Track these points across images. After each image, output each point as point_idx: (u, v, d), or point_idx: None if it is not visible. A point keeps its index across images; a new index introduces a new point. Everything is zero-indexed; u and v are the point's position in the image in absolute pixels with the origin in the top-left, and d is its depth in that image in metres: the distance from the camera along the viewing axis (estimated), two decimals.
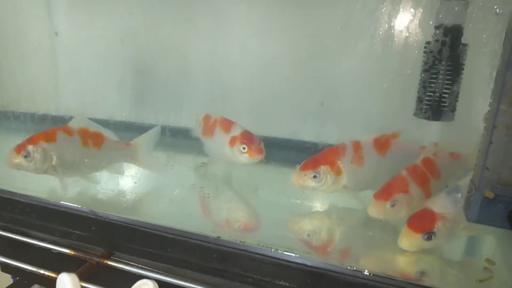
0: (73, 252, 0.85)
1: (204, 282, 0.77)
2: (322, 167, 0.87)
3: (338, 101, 1.25)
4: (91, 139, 1.01)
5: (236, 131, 1.05)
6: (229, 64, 1.38)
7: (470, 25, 0.88)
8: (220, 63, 1.39)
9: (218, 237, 0.78)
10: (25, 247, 0.93)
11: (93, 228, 0.87)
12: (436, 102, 0.85)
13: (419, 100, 0.88)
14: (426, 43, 0.91)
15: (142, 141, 1.10)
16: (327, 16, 1.22)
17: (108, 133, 1.06)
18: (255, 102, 1.37)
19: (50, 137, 0.96)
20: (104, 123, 1.11)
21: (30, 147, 0.94)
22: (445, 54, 0.80)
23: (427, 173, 0.84)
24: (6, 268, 1.20)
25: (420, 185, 0.83)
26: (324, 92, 1.28)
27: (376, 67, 1.17)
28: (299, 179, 0.90)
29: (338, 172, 0.87)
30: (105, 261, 0.84)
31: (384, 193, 0.83)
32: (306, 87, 1.31)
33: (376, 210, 0.83)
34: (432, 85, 0.84)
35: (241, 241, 0.77)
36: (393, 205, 0.81)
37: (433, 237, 0.74)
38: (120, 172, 1.09)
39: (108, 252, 0.87)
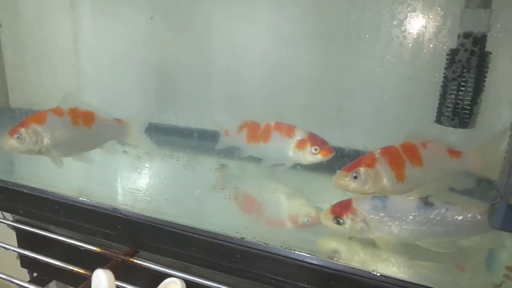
0: (99, 250, 0.88)
1: (227, 282, 0.78)
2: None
3: (355, 106, 1.26)
4: (81, 118, 1.04)
5: (301, 134, 1.10)
6: (247, 67, 1.40)
7: (500, 35, 0.89)
8: (238, 66, 1.41)
9: (242, 238, 0.79)
10: (50, 243, 0.96)
11: (119, 226, 0.89)
12: (463, 110, 0.85)
13: (446, 108, 0.88)
14: (450, 50, 0.92)
15: (135, 119, 1.12)
16: (346, 19, 1.23)
17: (101, 112, 1.08)
18: (273, 105, 1.38)
19: (40, 119, 1.00)
20: None
21: (22, 130, 0.98)
22: (473, 63, 0.80)
23: (404, 157, 0.84)
24: (27, 263, 1.24)
25: (391, 166, 0.83)
26: (342, 96, 1.28)
27: (395, 73, 1.18)
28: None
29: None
30: (130, 259, 0.86)
31: (349, 166, 0.85)
32: (324, 91, 1.32)
33: (339, 181, 0.85)
34: (459, 93, 0.85)
35: (264, 243, 0.78)
36: (355, 177, 0.83)
37: (341, 222, 0.80)
38: (114, 151, 1.12)
39: (132, 250, 0.89)
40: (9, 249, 0.96)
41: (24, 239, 1.19)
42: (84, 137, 1.04)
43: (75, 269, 0.83)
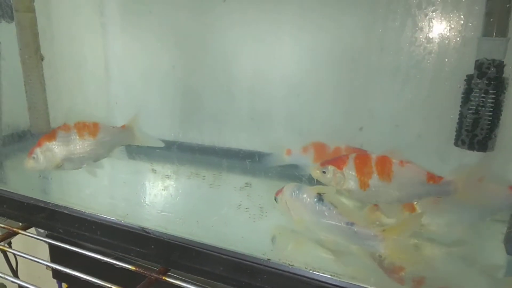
0: (134, 268, 0.94)
1: None
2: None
3: (377, 126, 1.29)
4: (86, 130, 1.11)
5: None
6: (270, 86, 1.45)
7: None
8: (261, 85, 1.45)
9: (268, 259, 0.84)
10: (81, 256, 1.02)
11: (152, 246, 0.95)
12: (484, 135, 0.88)
13: (466, 132, 0.91)
14: (466, 75, 0.96)
15: (136, 121, 1.17)
16: (368, 41, 1.27)
17: (105, 121, 1.15)
18: (296, 122, 1.43)
19: (51, 137, 1.08)
20: None
21: (37, 150, 1.07)
22: (488, 101, 0.84)
23: (373, 168, 0.90)
24: (58, 275, 1.32)
25: (358, 172, 0.91)
26: (363, 116, 1.32)
27: (416, 92, 1.21)
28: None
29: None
30: (163, 278, 0.92)
31: (325, 161, 0.96)
32: (346, 110, 1.36)
33: (313, 171, 0.97)
34: (479, 119, 0.88)
35: (289, 264, 0.83)
36: (323, 172, 0.94)
37: (276, 201, 0.99)
38: (122, 157, 1.18)
39: (164, 269, 0.95)
40: (43, 264, 1.03)
41: (56, 252, 1.27)
42: (92, 147, 1.11)
43: (113, 287, 0.88)
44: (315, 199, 0.92)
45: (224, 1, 1.39)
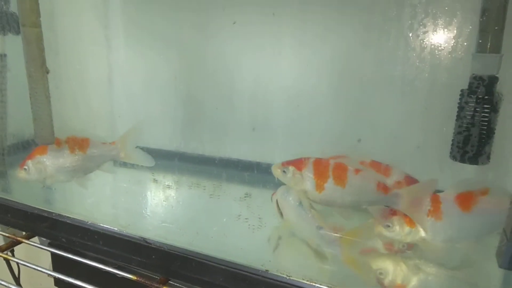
0: (136, 277, 0.95)
1: None
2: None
3: (375, 137, 1.31)
4: (77, 145, 1.14)
5: (398, 175, 1.10)
6: (270, 96, 1.47)
7: None
8: (262, 96, 1.48)
9: (267, 270, 0.85)
10: (83, 265, 1.04)
11: (153, 256, 0.97)
12: (475, 151, 0.91)
13: (458, 145, 0.93)
14: (461, 90, 0.97)
15: (127, 138, 1.20)
16: (365, 53, 1.29)
17: (95, 137, 1.18)
18: (295, 133, 1.45)
19: (43, 151, 1.13)
20: (157, 152, 1.22)
21: (28, 162, 1.12)
22: (478, 119, 0.86)
23: (329, 173, 0.95)
24: (60, 283, 1.33)
25: (315, 175, 0.96)
26: (362, 127, 1.33)
27: (415, 104, 1.23)
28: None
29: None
30: (163, 287, 0.93)
31: (287, 162, 1.01)
32: (344, 122, 1.37)
33: (275, 170, 1.02)
34: (472, 132, 0.90)
35: (287, 275, 0.84)
36: (284, 172, 0.99)
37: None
38: (111, 171, 1.22)
39: (164, 279, 0.97)
40: (46, 273, 1.04)
41: (58, 261, 1.28)
42: (82, 161, 1.15)
43: None
44: (297, 203, 0.98)
45: (234, 23, 1.42)
